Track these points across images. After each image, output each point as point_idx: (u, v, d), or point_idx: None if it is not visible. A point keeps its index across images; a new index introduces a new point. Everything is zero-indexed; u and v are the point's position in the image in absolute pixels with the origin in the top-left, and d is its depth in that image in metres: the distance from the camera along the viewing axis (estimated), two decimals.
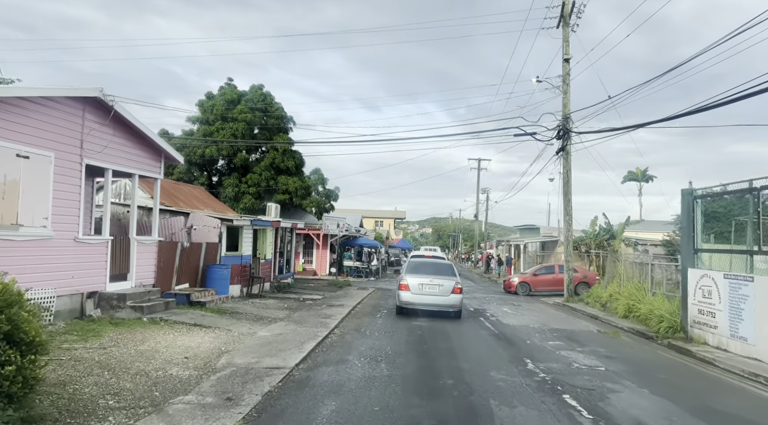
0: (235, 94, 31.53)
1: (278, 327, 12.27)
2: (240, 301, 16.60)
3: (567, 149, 23.80)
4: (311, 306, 16.66)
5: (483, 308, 19.58)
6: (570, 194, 24.04)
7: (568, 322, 17.03)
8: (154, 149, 13.43)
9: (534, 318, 17.42)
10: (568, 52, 23.76)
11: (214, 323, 11.77)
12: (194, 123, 31.18)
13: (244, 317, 13.20)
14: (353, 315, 15.58)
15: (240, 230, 18.40)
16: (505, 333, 13.52)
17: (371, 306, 18.27)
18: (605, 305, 20.25)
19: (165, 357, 8.52)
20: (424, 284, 15.56)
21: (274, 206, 23.28)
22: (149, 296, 12.49)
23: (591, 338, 13.89)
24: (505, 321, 16.08)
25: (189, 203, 20.61)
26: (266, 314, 14.18)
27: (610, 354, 11.52)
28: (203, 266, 15.68)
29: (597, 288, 22.79)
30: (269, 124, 31.99)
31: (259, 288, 18.96)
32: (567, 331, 14.73)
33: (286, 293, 20.50)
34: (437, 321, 15.05)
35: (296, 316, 14.20)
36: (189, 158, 30.38)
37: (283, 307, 16.06)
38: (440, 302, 15.48)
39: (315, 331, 11.85)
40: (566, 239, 24.04)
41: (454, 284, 15.61)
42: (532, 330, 14.62)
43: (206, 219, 16.27)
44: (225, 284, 15.58)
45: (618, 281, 20.38)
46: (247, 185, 30.67)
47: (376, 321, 14.68)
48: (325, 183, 34.05)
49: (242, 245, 18.46)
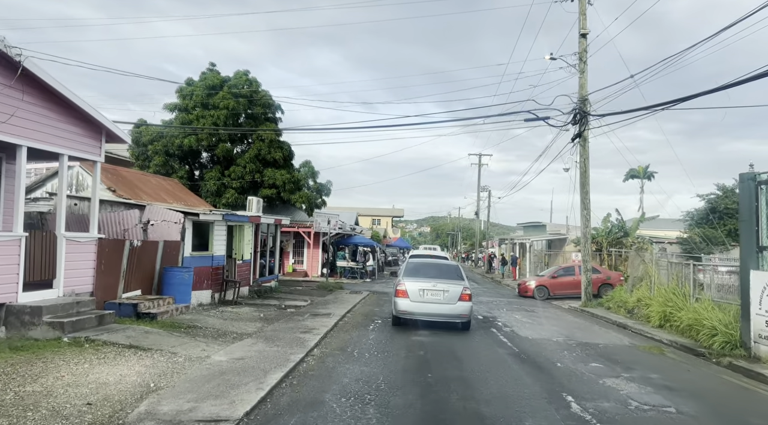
0: (217, 80, 28.84)
1: (242, 346, 9.66)
2: (207, 310, 13.97)
3: (584, 135, 21.22)
4: (292, 316, 14.05)
5: (493, 316, 16.99)
6: (588, 185, 21.46)
7: (595, 333, 14.45)
8: (91, 124, 10.81)
9: (554, 329, 14.84)
10: (585, 27, 21.18)
11: (158, 343, 9.16)
12: (172, 111, 28.47)
13: (201, 334, 10.58)
14: (341, 328, 12.97)
15: (210, 227, 15.78)
16: (528, 352, 10.92)
17: (363, 315, 15.65)
18: (632, 312, 17.69)
19: (57, 403, 5.91)
20: (425, 290, 12.97)
21: (255, 201, 20.64)
22: (79, 309, 9.86)
23: (632, 356, 11.30)
24: (522, 333, 13.48)
25: (156, 196, 17.99)
26: (232, 328, 11.56)
27: (668, 381, 8.93)
28: (160, 269, 13.06)
29: (620, 291, 20.21)
30: (255, 112, 29.32)
31: (233, 294, 16.35)
32: (599, 347, 12.15)
33: (266, 299, 17.88)
34: (441, 334, 12.45)
35: (270, 330, 11.59)
36: (166, 149, 27.76)
37: (258, 317, 13.44)
38: (445, 311, 12.89)
39: (288, 353, 9.25)
40: (584, 236, 21.45)
41: (462, 289, 13.02)
42: (558, 345, 12.03)
43: (166, 213, 13.65)
44: (186, 290, 12.96)
45: (647, 284, 17.80)
46: (231, 179, 28.01)
47: (368, 335, 12.07)
48: (316, 177, 31.39)
49: (213, 244, 15.84)
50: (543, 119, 21.21)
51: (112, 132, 11.26)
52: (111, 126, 11.16)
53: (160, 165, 27.53)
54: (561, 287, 24.75)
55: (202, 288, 15.24)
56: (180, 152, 28.02)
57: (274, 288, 20.50)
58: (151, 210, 13.70)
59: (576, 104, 21.18)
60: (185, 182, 27.90)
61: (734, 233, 31.05)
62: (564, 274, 25.23)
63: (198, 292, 14.95)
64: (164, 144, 27.71)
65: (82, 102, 10.21)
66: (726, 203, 36.82)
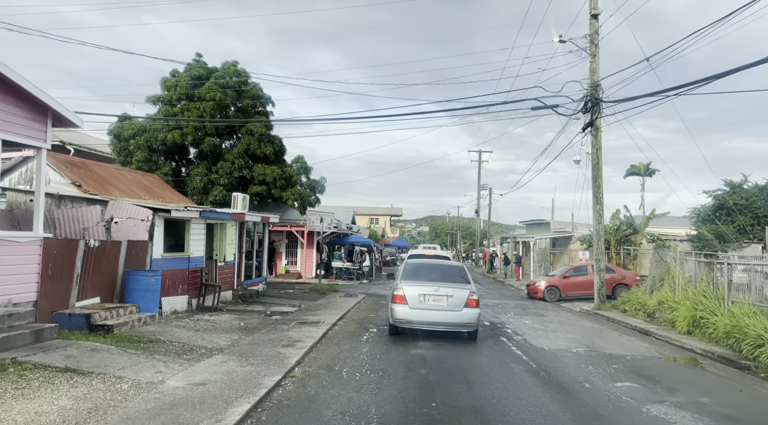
0: (203, 71, 27.19)
1: (208, 366, 8.05)
2: (179, 319, 12.35)
3: (597, 124, 19.63)
4: (276, 324, 12.44)
5: (501, 322, 15.39)
6: (600, 178, 19.87)
7: (617, 341, 12.86)
8: (34, 105, 9.19)
9: (570, 336, 13.25)
10: (596, 7, 19.58)
11: (103, 364, 7.54)
12: (155, 103, 26.81)
13: (162, 350, 8.97)
14: (330, 339, 11.35)
15: (186, 225, 14.16)
16: (547, 368, 9.32)
17: (357, 322, 14.04)
18: (652, 316, 16.10)
19: None
20: (426, 295, 11.36)
21: (241, 197, 19.04)
22: (12, 322, 8.25)
23: (668, 371, 9.72)
24: (536, 343, 11.89)
25: (129, 192, 16.37)
26: (202, 341, 9.94)
27: (724, 407, 7.34)
28: (124, 272, 11.44)
29: (636, 293, 18.62)
30: (244, 105, 27.69)
31: (213, 299, 14.74)
32: (627, 359, 10.55)
33: (251, 305, 16.27)
34: (445, 346, 10.85)
35: (247, 343, 9.98)
36: (149, 144, 26.12)
37: (236, 327, 11.83)
38: (449, 319, 11.29)
39: (262, 374, 7.64)
40: (597, 234, 19.86)
41: (468, 294, 11.41)
42: (579, 358, 10.44)
43: (131, 209, 12.03)
44: (152, 297, 11.33)
45: (670, 285, 16.21)
46: (218, 175, 26.39)
47: (361, 347, 10.46)
48: (309, 172, 29.74)
49: (189, 244, 14.22)
50: (551, 107, 19.62)
51: (60, 114, 9.64)
52: (58, 108, 9.53)
53: (142, 161, 25.89)
54: (573, 288, 23.18)
55: (176, 294, 13.62)
56: (164, 147, 26.39)
57: (261, 292, 18.88)
58: (114, 206, 12.08)
59: (587, 91, 19.60)
60: (169, 179, 26.28)
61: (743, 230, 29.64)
62: (575, 274, 23.65)
63: (171, 298, 13.34)
64: (147, 139, 26.08)
65: (19, 77, 8.59)
66: (734, 199, 35.42)
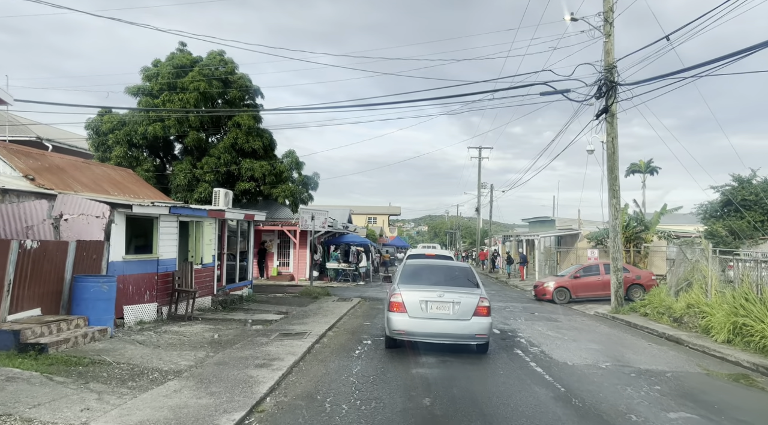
0: (187, 60, 25.44)
1: (155, 398, 6.34)
2: (142, 332, 10.64)
3: (612, 110, 17.95)
4: (255, 337, 10.73)
5: (512, 329, 13.70)
6: (617, 169, 18.18)
7: (648, 352, 11.17)
8: None
9: (593, 347, 11.57)
10: None
11: (12, 400, 5.83)
12: (135, 95, 25.03)
13: (104, 375, 7.25)
14: (316, 355, 9.64)
15: (154, 223, 12.46)
16: (577, 391, 7.62)
17: (349, 332, 12.33)
18: (679, 320, 14.42)
19: None
20: (428, 302, 9.67)
21: (223, 193, 17.33)
22: None
23: (723, 394, 8.03)
24: (557, 356, 10.19)
25: (96, 188, 14.63)
26: (158, 361, 8.23)
27: None
28: (72, 278, 9.72)
29: (658, 294, 16.91)
30: (231, 97, 25.94)
31: (187, 307, 13.03)
32: (668, 376, 8.86)
33: (231, 312, 14.56)
34: (452, 363, 9.16)
35: (213, 363, 8.27)
36: (129, 138, 24.34)
37: (207, 341, 10.12)
38: (456, 330, 9.59)
39: (221, 410, 5.94)
40: (613, 230, 18.17)
41: (478, 300, 9.71)
42: (612, 375, 8.74)
43: (84, 204, 10.31)
44: (105, 306, 9.59)
45: (701, 286, 14.53)
46: (203, 171, 24.62)
47: (351, 366, 8.75)
48: (301, 168, 27.95)
49: (158, 245, 12.51)
50: (562, 92, 17.94)
51: None
52: None
53: (121, 156, 24.13)
54: (583, 289, 21.52)
55: (142, 301, 11.92)
56: (145, 141, 24.62)
57: (245, 297, 17.17)
58: (64, 201, 10.35)
59: (601, 74, 17.92)
60: (151, 176, 24.58)
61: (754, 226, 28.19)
62: (586, 274, 21.97)
63: (136, 307, 11.63)
64: (127, 133, 24.28)
65: None
66: (743, 195, 33.98)
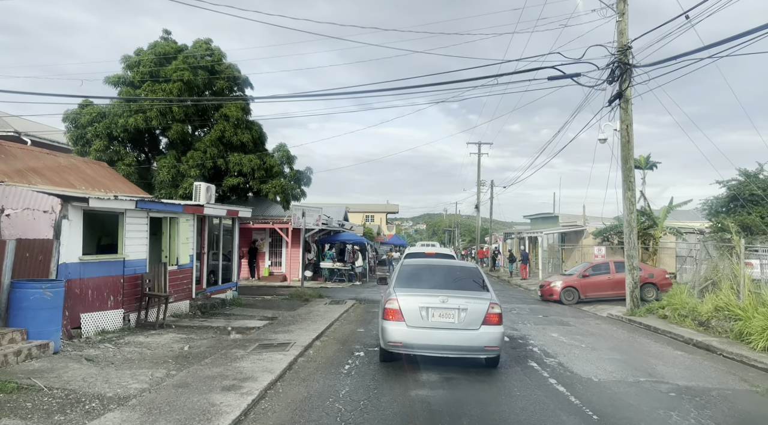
0: (170, 48, 24.00)
1: None
2: (97, 345, 9.22)
3: (626, 95, 16.56)
4: (230, 348, 9.31)
5: (521, 335, 12.30)
6: (631, 159, 16.77)
7: (680, 363, 9.79)
8: None
9: (616, 356, 10.19)
10: None
11: None
12: (116, 85, 23.55)
13: (26, 406, 5.84)
14: (297, 372, 8.22)
15: (120, 220, 11.03)
16: (615, 420, 6.23)
17: (340, 342, 10.91)
18: (706, 324, 13.04)
19: None
20: (430, 309, 8.27)
21: (205, 187, 15.88)
22: None
23: None
24: (579, 370, 8.80)
25: (61, 182, 13.18)
26: (103, 384, 6.80)
27: None
28: (9, 284, 8.29)
29: (679, 295, 15.50)
30: (218, 88, 24.50)
31: (158, 313, 11.60)
32: (713, 395, 7.47)
33: (211, 318, 13.15)
34: (458, 381, 7.76)
35: (172, 385, 6.86)
36: (109, 131, 22.86)
37: (173, 354, 8.70)
38: (462, 342, 8.19)
39: None
40: (628, 225, 16.76)
41: (488, 306, 8.32)
42: (649, 395, 7.35)
43: (29, 197, 8.89)
44: (49, 317, 8.15)
45: (731, 287, 13.15)
46: (188, 166, 23.15)
47: (339, 388, 7.33)
48: (293, 162, 26.48)
49: (124, 244, 11.09)
50: (571, 76, 16.55)
51: None
52: None
53: (101, 150, 22.65)
54: (593, 289, 20.15)
55: (105, 308, 10.49)
56: (126, 134, 23.15)
57: (229, 301, 15.74)
58: (5, 193, 8.93)
59: (614, 56, 16.52)
60: (133, 171, 23.14)
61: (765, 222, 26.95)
62: (595, 272, 20.58)
63: (97, 314, 10.22)
64: (106, 125, 22.79)
65: None
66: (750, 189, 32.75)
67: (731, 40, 12.09)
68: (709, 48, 12.91)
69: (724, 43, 12.22)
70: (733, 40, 12.05)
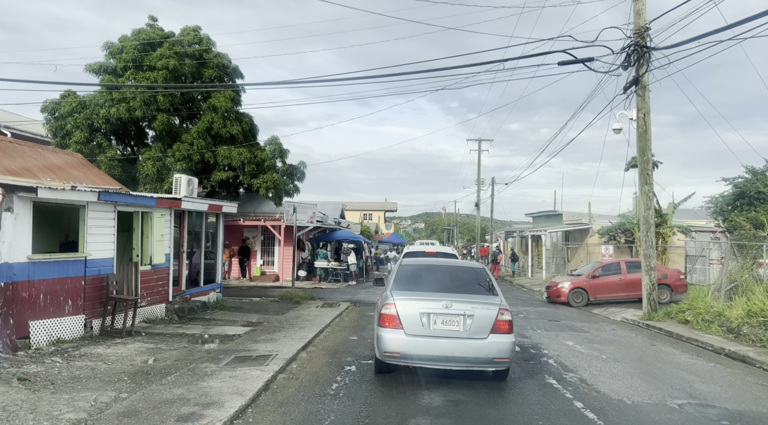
0: (156, 35, 22.68)
1: None
2: (44, 358, 7.92)
3: (643, 81, 15.28)
4: (200, 362, 8.02)
5: (534, 344, 11.02)
6: (649, 151, 15.48)
7: (720, 379, 8.52)
8: None
9: (644, 369, 8.91)
10: None
11: None
12: (97, 73, 22.23)
13: None
14: (274, 394, 6.92)
15: (81, 214, 9.74)
16: None
17: (329, 353, 9.62)
18: (736, 331, 11.78)
19: None
20: (431, 315, 7.00)
21: (186, 180, 14.59)
22: None
23: None
24: (605, 389, 7.53)
25: (23, 173, 11.88)
26: (25, 417, 5.50)
27: None
28: None
29: (702, 298, 14.22)
30: (206, 77, 23.18)
31: (125, 319, 10.30)
32: None
33: (188, 323, 11.85)
34: (465, 403, 6.47)
35: (114, 415, 5.55)
36: (90, 122, 21.55)
37: (131, 370, 7.41)
38: (468, 353, 6.94)
39: None
40: (645, 222, 15.45)
41: (497, 312, 7.07)
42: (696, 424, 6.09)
43: None
44: None
45: (765, 291, 11.88)
46: (174, 159, 21.83)
47: (323, 418, 6.03)
48: (286, 156, 25.18)
49: (86, 241, 9.80)
50: (583, 61, 15.27)
51: None
52: None
53: (81, 142, 21.31)
54: (603, 290, 18.89)
55: (61, 314, 9.20)
56: (108, 126, 21.85)
57: (211, 303, 14.45)
58: None
59: (630, 39, 15.24)
60: (116, 164, 21.83)
61: None
62: (605, 273, 19.31)
63: (51, 321, 8.93)
64: (87, 116, 21.49)
65: None
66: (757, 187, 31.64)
67: (758, 17, 10.83)
68: (733, 27, 11.66)
69: (750, 20, 10.97)
70: (759, 17, 10.79)
